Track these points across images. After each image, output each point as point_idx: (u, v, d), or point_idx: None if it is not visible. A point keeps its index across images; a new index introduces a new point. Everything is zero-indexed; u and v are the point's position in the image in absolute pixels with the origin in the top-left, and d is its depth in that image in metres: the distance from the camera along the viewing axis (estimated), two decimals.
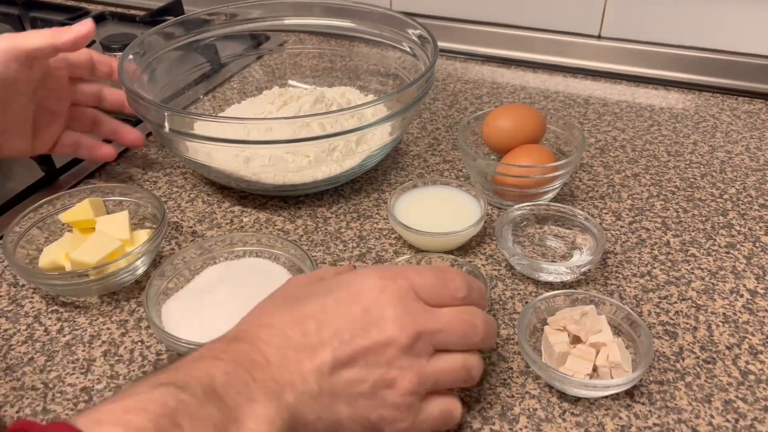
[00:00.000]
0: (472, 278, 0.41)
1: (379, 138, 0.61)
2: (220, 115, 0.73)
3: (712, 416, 0.42)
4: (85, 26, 0.55)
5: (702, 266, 0.54)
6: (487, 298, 0.43)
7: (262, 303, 0.39)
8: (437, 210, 0.57)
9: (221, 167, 0.59)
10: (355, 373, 0.35)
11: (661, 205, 0.62)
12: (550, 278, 0.52)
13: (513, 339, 0.48)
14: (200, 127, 0.56)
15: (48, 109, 0.59)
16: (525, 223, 0.58)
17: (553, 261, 0.55)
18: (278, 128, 0.56)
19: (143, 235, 0.54)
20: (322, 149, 0.58)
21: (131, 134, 0.65)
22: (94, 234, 0.52)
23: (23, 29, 0.97)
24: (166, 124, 0.56)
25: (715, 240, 0.57)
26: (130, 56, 0.64)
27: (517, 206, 0.57)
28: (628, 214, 0.60)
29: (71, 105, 0.62)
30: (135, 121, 0.69)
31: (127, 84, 0.58)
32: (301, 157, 0.58)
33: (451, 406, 0.39)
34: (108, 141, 0.66)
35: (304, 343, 0.35)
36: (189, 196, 0.64)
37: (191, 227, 0.60)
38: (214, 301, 0.48)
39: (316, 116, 0.55)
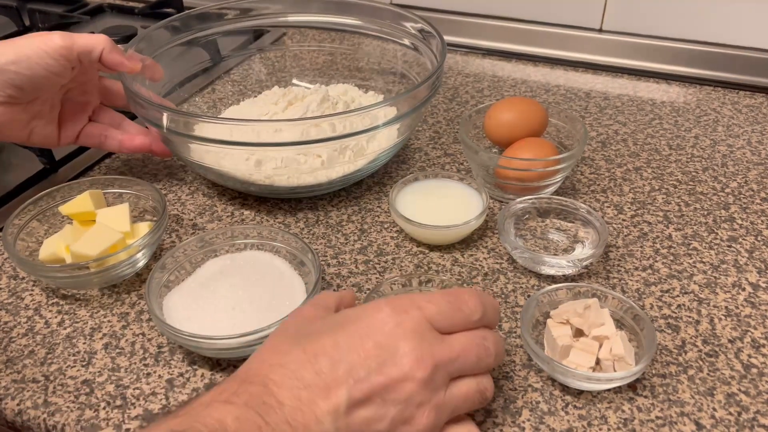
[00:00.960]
0: (485, 296, 0.40)
1: (388, 137, 0.61)
2: (219, 116, 0.72)
3: (714, 409, 0.42)
4: (137, 65, 0.58)
5: (704, 260, 0.54)
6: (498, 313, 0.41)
7: (271, 339, 0.38)
8: (439, 203, 0.57)
9: (231, 171, 0.58)
10: (373, 412, 0.34)
11: (662, 198, 0.62)
12: (552, 271, 0.52)
13: (515, 332, 0.48)
14: (205, 129, 0.55)
15: (74, 100, 0.61)
16: (527, 216, 0.58)
17: (555, 254, 0.55)
18: (288, 129, 0.54)
19: (144, 227, 0.54)
20: (334, 149, 0.58)
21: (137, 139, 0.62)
22: (94, 226, 0.52)
23: (21, 21, 0.97)
24: (165, 122, 0.54)
25: (717, 234, 0.57)
26: (131, 52, 0.63)
27: (519, 199, 0.57)
28: (629, 208, 0.60)
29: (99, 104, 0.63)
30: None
31: (127, 83, 0.57)
32: (314, 158, 0.58)
33: None
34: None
35: (318, 383, 0.34)
36: (189, 188, 0.64)
37: (192, 220, 0.60)
38: (215, 293, 0.48)
39: (329, 117, 0.54)
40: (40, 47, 0.53)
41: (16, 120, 0.55)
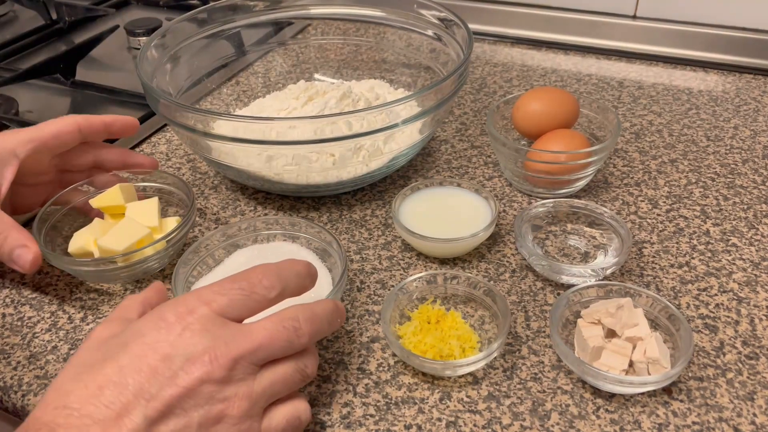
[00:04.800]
0: (282, 266, 0.38)
1: (409, 136, 0.58)
2: (244, 109, 0.71)
3: (755, 415, 0.40)
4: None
5: (744, 257, 0.52)
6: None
7: (58, 377, 0.35)
8: (445, 213, 0.54)
9: (244, 167, 0.57)
10: (175, 424, 0.33)
11: (700, 192, 0.59)
12: (573, 281, 0.50)
13: (544, 332, 0.46)
14: (219, 125, 0.54)
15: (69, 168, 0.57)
16: (546, 221, 0.55)
17: (575, 261, 0.52)
18: (302, 126, 0.53)
19: (171, 222, 0.53)
20: (347, 148, 0.55)
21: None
22: (122, 221, 0.52)
23: (48, 15, 0.97)
24: (184, 122, 0.54)
25: (757, 229, 0.55)
26: (153, 45, 0.62)
27: (538, 203, 0.54)
28: (665, 202, 0.58)
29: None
30: None
31: (145, 79, 0.56)
32: (326, 156, 0.56)
33: (297, 411, 0.38)
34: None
35: (109, 414, 0.32)
36: (213, 182, 0.63)
37: (215, 214, 0.59)
38: None
39: (341, 115, 0.52)
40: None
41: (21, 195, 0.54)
